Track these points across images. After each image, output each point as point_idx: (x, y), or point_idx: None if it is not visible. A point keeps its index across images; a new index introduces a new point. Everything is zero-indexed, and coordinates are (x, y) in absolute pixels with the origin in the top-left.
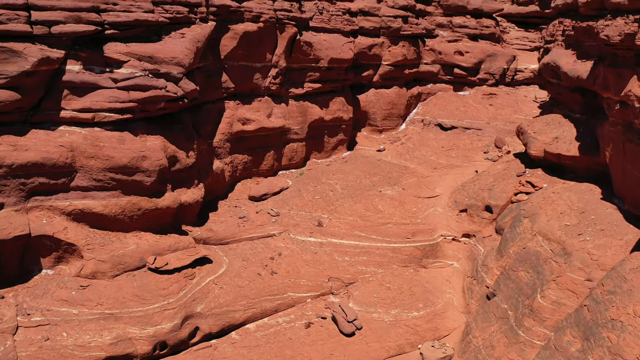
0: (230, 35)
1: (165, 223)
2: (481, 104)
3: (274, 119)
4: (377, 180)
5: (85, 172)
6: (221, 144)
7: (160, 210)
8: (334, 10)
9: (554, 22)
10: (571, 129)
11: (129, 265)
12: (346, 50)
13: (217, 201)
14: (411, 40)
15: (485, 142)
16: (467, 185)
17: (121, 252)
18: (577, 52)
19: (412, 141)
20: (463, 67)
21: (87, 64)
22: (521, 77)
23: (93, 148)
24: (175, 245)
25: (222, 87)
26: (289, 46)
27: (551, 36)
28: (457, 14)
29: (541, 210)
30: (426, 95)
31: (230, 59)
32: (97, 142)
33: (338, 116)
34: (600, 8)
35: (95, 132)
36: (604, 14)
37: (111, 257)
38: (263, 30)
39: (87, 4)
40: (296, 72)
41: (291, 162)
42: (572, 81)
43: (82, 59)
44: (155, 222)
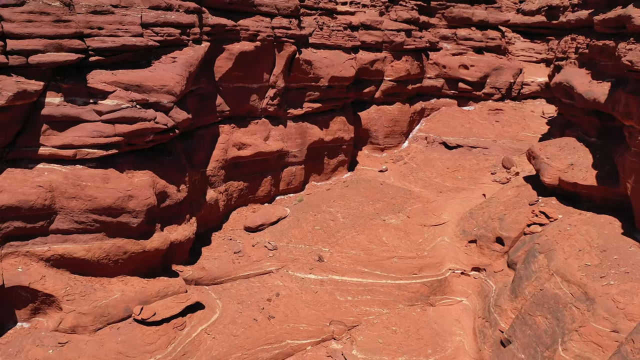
0: (225, 55)
1: (154, 265)
2: (487, 120)
3: (271, 142)
4: (380, 207)
5: (65, 214)
6: (215, 171)
7: (148, 252)
8: (334, 26)
9: (565, 38)
10: (587, 155)
11: (112, 317)
12: (347, 67)
13: (210, 233)
14: (414, 54)
15: (492, 162)
16: (475, 212)
17: (104, 302)
18: (591, 71)
19: (415, 161)
20: (468, 82)
21: (69, 96)
22: (528, 91)
23: (74, 188)
24: (165, 290)
25: (216, 111)
26: (288, 65)
27: (563, 53)
28: (462, 25)
29: (558, 245)
30: (429, 110)
31: (225, 81)
32: (79, 181)
33: (339, 136)
34: (619, 27)
35: (77, 171)
36: (622, 34)
37: (93, 309)
38: (260, 50)
39: (69, 30)
40: (295, 92)
41: (289, 187)
42: (588, 104)
43: (63, 90)
44: (143, 265)
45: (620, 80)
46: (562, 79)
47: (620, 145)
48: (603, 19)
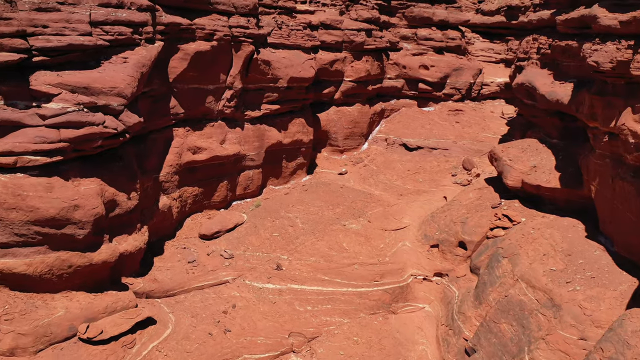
0: (180, 56)
1: (102, 279)
2: (447, 121)
3: (228, 145)
4: (340, 212)
5: (4, 226)
6: (169, 177)
7: (95, 265)
8: (294, 25)
9: (527, 39)
10: (550, 157)
11: (56, 337)
12: (307, 68)
13: (163, 242)
14: (375, 54)
15: (452, 164)
16: (437, 215)
17: (46, 320)
18: (554, 72)
19: (375, 163)
20: (428, 82)
21: (9, 99)
22: (487, 92)
23: (14, 198)
24: (113, 305)
25: (170, 114)
26: (246, 65)
27: (524, 53)
28: (422, 25)
29: (521, 249)
30: (389, 111)
31: (179, 82)
32: (20, 190)
33: (297, 139)
34: (582, 27)
35: (18, 179)
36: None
37: (34, 329)
38: (217, 50)
39: (10, 28)
40: (253, 93)
41: (246, 192)
42: (551, 105)
43: (3, 93)
44: (90, 279)
45: (584, 81)
46: (523, 79)
47: (583, 147)
48: (566, 19)
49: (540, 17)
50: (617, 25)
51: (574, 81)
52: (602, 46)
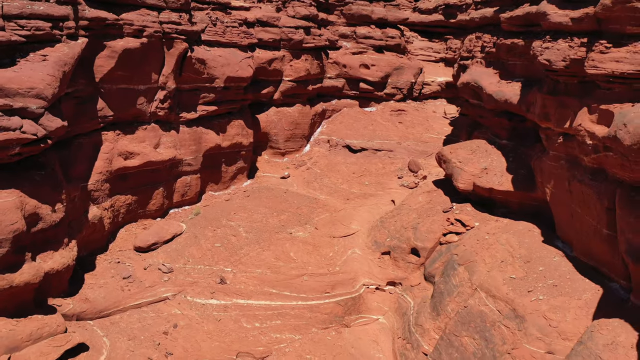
0: (106, 53)
1: (25, 301)
2: (390, 122)
3: (162, 149)
4: (286, 219)
5: None
6: (99, 185)
7: (16, 288)
8: (229, 21)
9: (470, 37)
10: (500, 159)
11: None
12: (244, 67)
13: (95, 256)
14: (314, 53)
15: (398, 166)
16: (386, 221)
17: None
18: (499, 71)
19: (319, 165)
20: (369, 82)
21: None
22: (428, 91)
23: None
24: (39, 331)
25: (98, 116)
26: (179, 64)
27: (468, 52)
28: (361, 23)
29: (478, 256)
30: (331, 112)
31: (107, 82)
32: None
33: (237, 142)
34: (528, 24)
35: None
36: (532, 32)
37: None
38: (147, 47)
39: None
40: (188, 94)
41: (184, 199)
42: (499, 105)
43: None
44: (11, 303)
45: (532, 80)
46: (469, 78)
47: (534, 148)
48: (511, 17)
49: (483, 15)
50: (568, 22)
51: (521, 80)
52: (554, 44)
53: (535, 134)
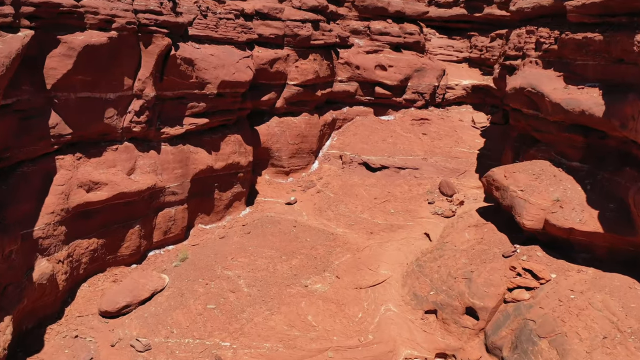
0: (61, 51)
1: None
2: (412, 133)
3: (138, 176)
4: (298, 265)
5: None
6: (50, 230)
7: None
8: (222, 12)
9: (518, 32)
10: (574, 187)
11: None
12: (242, 68)
13: (43, 327)
14: (323, 52)
15: (427, 187)
16: (425, 265)
17: None
18: (564, 73)
19: (331, 188)
20: (386, 86)
21: None
22: (452, 96)
23: None
24: None
25: (50, 135)
26: (160, 65)
27: (517, 50)
28: (376, 17)
29: (565, 325)
30: (342, 121)
31: (63, 89)
32: None
33: (233, 162)
34: (604, 14)
35: None
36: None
37: None
38: (117, 43)
39: None
40: (172, 103)
41: (168, 236)
42: (570, 116)
43: None
44: None
45: (612, 85)
46: (522, 83)
47: (620, 174)
48: (584, 5)
49: (537, 4)
50: None
51: (597, 85)
52: None
53: (621, 155)
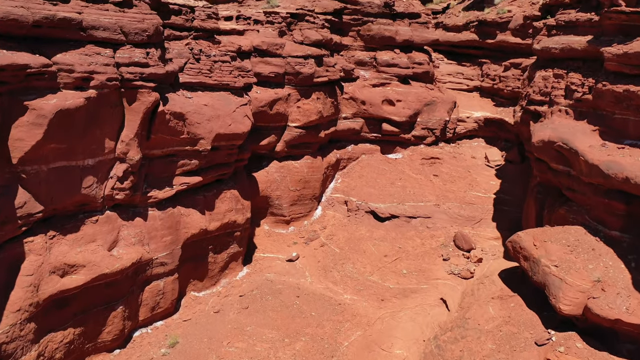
0: (30, 119)
1: None
2: (422, 174)
3: (122, 249)
4: (302, 350)
5: None
6: (16, 332)
7: None
8: (217, 54)
9: (544, 74)
10: (617, 263)
11: None
12: (240, 118)
13: None
14: (327, 88)
15: (440, 240)
16: (445, 346)
17: None
18: (599, 127)
19: (336, 241)
20: (394, 122)
21: None
22: (463, 129)
23: None
24: None
25: (17, 217)
26: (146, 124)
27: (543, 95)
28: (383, 47)
29: None
30: (346, 161)
31: (33, 162)
32: None
33: (229, 221)
34: None
35: None
36: None
37: None
38: (96, 103)
39: None
40: (160, 162)
41: (156, 312)
42: (610, 181)
43: None
44: None
45: None
46: (552, 135)
47: None
48: (626, 54)
49: (567, 46)
50: None
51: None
52: None
53: None
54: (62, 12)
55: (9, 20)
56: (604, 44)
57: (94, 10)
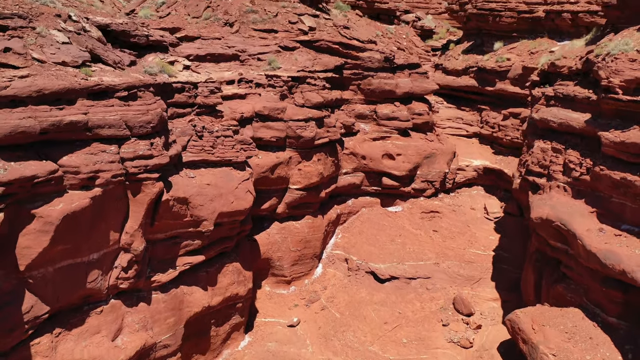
0: (37, 227)
1: None
2: (422, 230)
3: (126, 337)
4: None
5: None
6: None
7: None
8: (220, 129)
9: (542, 145)
10: (614, 355)
11: None
12: (242, 194)
13: None
14: (328, 148)
15: (440, 303)
16: None
17: None
18: (597, 209)
19: (337, 305)
20: (394, 176)
21: None
22: (462, 178)
23: None
24: None
25: (24, 322)
26: (151, 212)
27: (541, 167)
28: (383, 100)
29: None
30: (346, 215)
31: (39, 267)
32: None
33: (231, 294)
34: None
35: None
36: None
37: None
38: (102, 200)
39: None
40: (163, 245)
41: None
42: (608, 271)
43: None
44: None
45: None
46: (550, 214)
47: None
48: (623, 143)
49: (565, 123)
50: None
51: (638, 230)
52: None
53: None
54: (68, 116)
55: (18, 133)
56: (601, 127)
57: (99, 108)
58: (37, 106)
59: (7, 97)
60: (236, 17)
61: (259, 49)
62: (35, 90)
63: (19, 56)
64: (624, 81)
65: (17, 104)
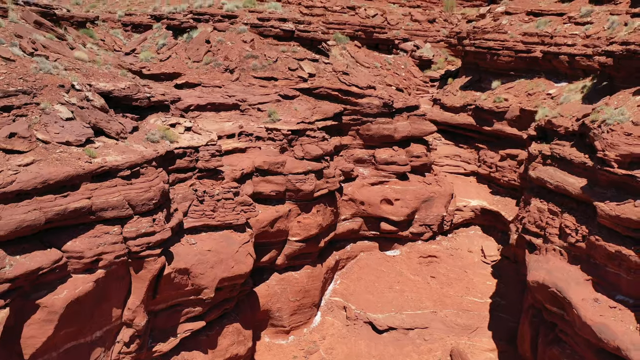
0: (42, 317)
1: None
2: (420, 276)
3: None
4: None
5: None
6: None
7: None
8: (221, 191)
9: (539, 205)
10: None
11: None
12: (242, 258)
13: None
14: (327, 198)
15: (437, 355)
16: None
17: None
18: (593, 277)
19: (335, 356)
20: (392, 221)
21: None
22: (460, 219)
23: None
24: None
25: None
26: (153, 286)
27: (538, 227)
28: (382, 145)
29: None
30: (345, 260)
31: (44, 354)
32: None
33: (232, 355)
34: None
35: None
36: None
37: None
38: (105, 281)
39: None
40: (165, 314)
41: None
42: (603, 345)
43: None
44: None
45: None
46: (547, 280)
47: None
48: (618, 217)
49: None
50: None
51: (632, 302)
52: None
53: None
54: (72, 203)
55: (23, 228)
56: (597, 196)
57: (103, 190)
58: (42, 197)
59: (12, 192)
60: (236, 62)
61: (259, 98)
62: (41, 182)
63: (23, 140)
64: (620, 155)
65: (22, 197)
